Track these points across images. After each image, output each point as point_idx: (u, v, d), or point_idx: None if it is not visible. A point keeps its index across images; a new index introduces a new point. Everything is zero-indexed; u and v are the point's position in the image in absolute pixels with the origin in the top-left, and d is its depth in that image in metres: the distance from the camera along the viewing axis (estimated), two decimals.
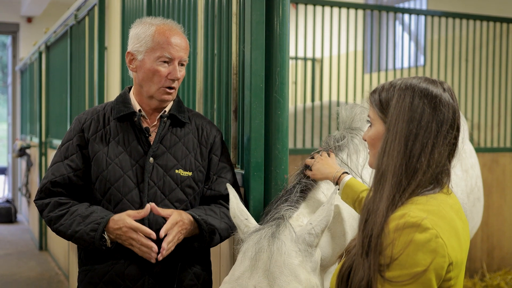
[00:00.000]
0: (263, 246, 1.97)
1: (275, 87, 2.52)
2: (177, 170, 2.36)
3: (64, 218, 2.29)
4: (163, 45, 2.33)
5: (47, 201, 2.35)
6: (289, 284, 1.92)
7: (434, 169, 1.66)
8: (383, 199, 1.65)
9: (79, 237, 2.24)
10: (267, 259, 1.94)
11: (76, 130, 2.41)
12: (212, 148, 2.47)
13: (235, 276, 1.98)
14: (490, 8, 6.71)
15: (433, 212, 1.61)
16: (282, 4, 2.51)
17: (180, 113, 2.45)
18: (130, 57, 2.42)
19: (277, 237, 1.99)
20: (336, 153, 2.44)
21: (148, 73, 2.36)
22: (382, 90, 1.76)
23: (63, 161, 2.38)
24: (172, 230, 2.21)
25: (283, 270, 1.93)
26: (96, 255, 2.34)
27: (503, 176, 5.97)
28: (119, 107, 2.42)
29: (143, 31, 2.37)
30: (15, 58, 11.51)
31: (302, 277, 1.95)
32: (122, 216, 2.22)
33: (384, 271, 1.57)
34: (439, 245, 1.56)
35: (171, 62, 2.35)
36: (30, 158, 8.86)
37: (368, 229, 1.64)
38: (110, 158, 2.34)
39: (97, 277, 2.33)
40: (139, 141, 2.37)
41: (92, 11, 5.06)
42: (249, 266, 1.96)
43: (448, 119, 1.68)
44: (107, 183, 2.32)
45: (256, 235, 2.02)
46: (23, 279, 6.35)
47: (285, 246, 1.97)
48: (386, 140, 1.69)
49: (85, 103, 5.37)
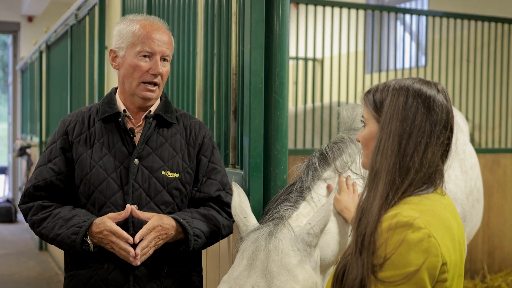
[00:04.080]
0: (261, 245, 1.97)
1: (275, 87, 2.51)
2: (163, 171, 2.31)
3: (47, 221, 2.25)
4: (143, 39, 2.28)
5: (30, 205, 2.31)
6: (286, 284, 1.91)
7: (427, 169, 1.67)
8: (377, 197, 1.65)
9: (61, 240, 2.20)
10: (265, 258, 1.93)
11: (60, 132, 2.36)
12: (200, 149, 2.40)
13: (233, 276, 1.98)
14: (492, 8, 6.69)
15: (426, 211, 1.61)
16: (282, 4, 2.50)
17: (167, 113, 2.38)
18: (112, 55, 2.38)
19: (275, 236, 1.99)
20: (337, 157, 2.42)
21: (129, 69, 2.30)
22: (377, 91, 1.77)
23: (46, 165, 2.33)
24: (148, 236, 2.16)
25: (280, 270, 1.92)
26: (80, 260, 2.29)
27: (504, 177, 5.96)
28: (104, 108, 2.36)
29: (124, 27, 2.33)
30: (16, 57, 11.52)
31: (300, 277, 1.94)
32: (103, 219, 2.18)
33: (377, 271, 1.57)
34: (432, 244, 1.56)
35: (152, 57, 2.29)
36: (30, 157, 8.85)
37: (361, 227, 1.64)
38: (94, 160, 2.29)
39: (81, 282, 2.27)
40: (124, 142, 2.31)
41: (93, 10, 5.06)
42: (247, 265, 1.96)
43: (441, 119, 1.68)
44: (91, 186, 2.27)
45: (254, 234, 2.02)
46: (23, 279, 6.34)
47: (282, 245, 1.96)
48: (380, 139, 1.70)
49: (85, 102, 5.37)
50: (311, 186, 2.32)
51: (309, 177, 2.34)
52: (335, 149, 2.43)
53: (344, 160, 2.41)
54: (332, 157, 2.41)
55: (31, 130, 9.16)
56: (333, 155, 2.41)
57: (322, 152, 2.44)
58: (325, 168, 2.39)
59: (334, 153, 2.42)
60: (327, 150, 2.43)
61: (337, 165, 2.40)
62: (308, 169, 2.39)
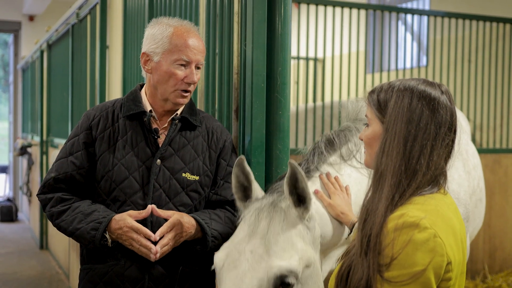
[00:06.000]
0: (263, 213, 2.00)
1: (277, 87, 2.51)
2: (184, 173, 2.33)
3: (66, 214, 2.27)
4: (180, 47, 2.28)
5: (50, 196, 2.33)
6: (285, 251, 1.93)
7: (433, 171, 1.68)
8: (382, 199, 1.65)
9: (80, 235, 2.23)
10: (266, 226, 1.96)
11: (84, 127, 2.37)
12: (221, 152, 2.43)
13: (233, 242, 2.01)
14: (493, 8, 6.68)
15: (432, 211, 1.62)
16: (284, 4, 2.50)
17: (192, 115, 2.41)
18: (145, 58, 2.36)
19: (277, 205, 2.02)
20: (342, 144, 2.43)
21: (165, 76, 2.30)
22: (381, 91, 1.77)
23: (67, 158, 2.34)
24: (168, 233, 2.19)
25: (280, 237, 1.95)
26: (97, 254, 2.32)
27: (506, 177, 5.95)
28: (129, 104, 2.37)
29: (160, 32, 2.32)
30: (17, 56, 11.51)
31: (299, 246, 1.96)
32: (123, 216, 2.21)
33: (383, 271, 1.58)
34: (438, 244, 1.57)
35: (188, 66, 2.30)
36: (31, 156, 8.85)
37: (367, 228, 1.65)
38: (116, 158, 2.30)
39: (97, 276, 2.31)
40: (147, 142, 2.33)
41: (94, 9, 5.06)
42: (248, 232, 1.99)
43: (446, 121, 1.69)
44: (112, 184, 2.29)
45: (256, 203, 2.06)
46: (24, 278, 6.34)
47: (284, 215, 2.00)
48: (385, 140, 1.70)
49: (86, 102, 5.37)
50: (317, 168, 2.34)
51: (315, 159, 2.37)
52: (342, 136, 2.45)
53: (350, 148, 2.43)
54: (338, 143, 2.43)
55: (32, 129, 9.16)
56: (340, 142, 2.43)
57: (329, 138, 2.46)
58: (330, 153, 2.42)
59: (341, 140, 2.44)
60: (334, 136, 2.45)
61: (343, 152, 2.42)
62: (314, 152, 2.42)
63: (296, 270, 1.91)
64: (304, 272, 1.96)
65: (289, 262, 1.90)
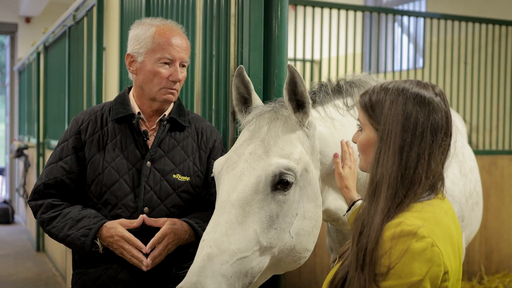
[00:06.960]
0: (264, 119, 2.04)
1: (273, 89, 2.51)
2: (174, 175, 2.33)
3: (57, 220, 2.27)
4: (163, 46, 2.30)
5: (40, 202, 2.33)
6: (284, 151, 1.96)
7: (431, 180, 1.64)
8: (378, 212, 1.60)
9: (70, 241, 2.22)
10: (266, 130, 2.00)
11: (73, 131, 2.37)
12: (211, 153, 2.43)
13: (234, 147, 2.05)
14: (490, 10, 6.70)
15: (429, 219, 1.58)
16: (280, 6, 2.50)
17: (181, 116, 2.41)
18: (130, 59, 2.38)
19: (277, 111, 2.07)
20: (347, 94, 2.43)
21: (149, 75, 2.32)
22: (373, 93, 1.72)
23: (57, 163, 2.34)
24: (159, 244, 2.19)
25: (280, 139, 1.98)
26: (89, 259, 2.31)
27: (502, 179, 5.96)
28: (117, 108, 2.37)
29: (142, 32, 2.33)
30: (13, 58, 11.50)
31: (298, 149, 2.00)
32: (114, 224, 2.20)
33: (380, 280, 1.54)
34: (435, 254, 1.54)
35: (172, 64, 2.31)
36: (27, 158, 8.83)
37: (362, 242, 1.60)
38: (106, 161, 2.30)
39: (90, 280, 2.30)
40: (137, 144, 2.33)
41: (91, 11, 5.06)
42: (249, 136, 2.03)
43: (442, 126, 1.65)
44: (103, 187, 2.29)
45: (257, 110, 2.11)
46: (20, 280, 6.32)
47: (284, 119, 2.04)
48: (380, 150, 1.64)
49: (83, 103, 5.36)
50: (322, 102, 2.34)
51: (321, 95, 2.38)
52: (348, 85, 2.45)
53: (354, 100, 2.43)
54: (345, 90, 2.43)
55: (28, 131, 9.14)
56: (347, 90, 2.44)
57: (339, 83, 2.46)
58: (337, 97, 2.42)
59: (348, 89, 2.45)
60: (343, 83, 2.46)
61: (348, 101, 2.42)
62: (320, 89, 2.42)
63: (295, 169, 1.92)
64: (302, 175, 1.97)
65: (287, 161, 1.93)
